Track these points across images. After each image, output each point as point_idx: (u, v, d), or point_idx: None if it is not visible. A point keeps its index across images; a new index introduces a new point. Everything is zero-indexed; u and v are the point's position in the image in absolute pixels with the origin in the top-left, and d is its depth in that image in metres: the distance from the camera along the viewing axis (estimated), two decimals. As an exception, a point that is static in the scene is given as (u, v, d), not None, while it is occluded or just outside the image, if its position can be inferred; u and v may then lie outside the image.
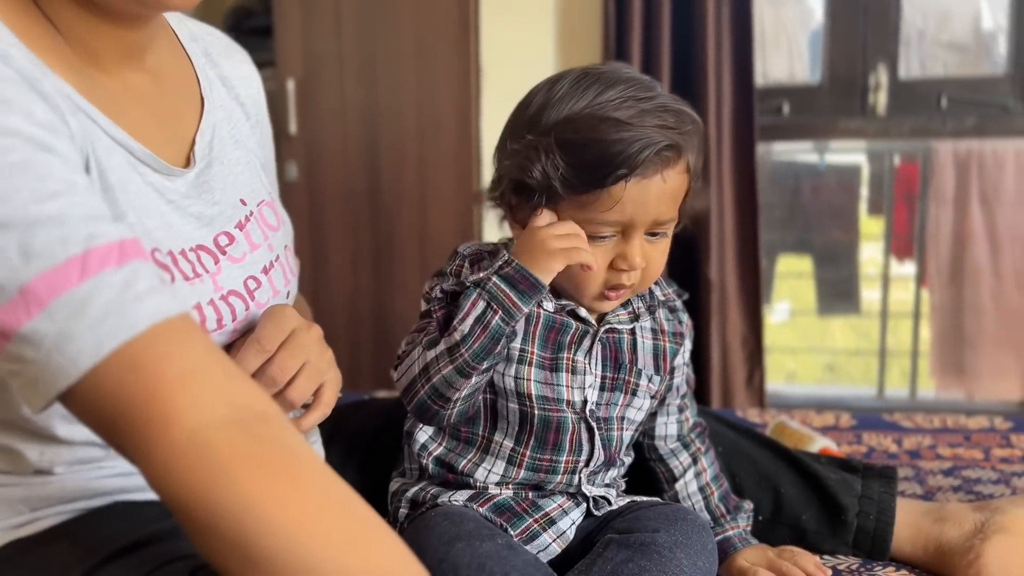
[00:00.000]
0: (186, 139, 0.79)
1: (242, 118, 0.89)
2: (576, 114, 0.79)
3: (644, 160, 0.77)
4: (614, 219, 0.79)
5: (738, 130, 1.81)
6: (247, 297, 0.78)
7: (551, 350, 0.85)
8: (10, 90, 0.59)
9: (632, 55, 1.76)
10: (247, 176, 0.86)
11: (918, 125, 1.91)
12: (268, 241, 0.84)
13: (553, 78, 0.83)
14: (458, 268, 0.85)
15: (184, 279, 0.72)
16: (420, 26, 1.89)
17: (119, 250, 0.58)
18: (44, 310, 0.55)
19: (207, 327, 0.73)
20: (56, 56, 0.67)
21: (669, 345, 0.91)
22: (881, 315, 2.49)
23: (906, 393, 2.52)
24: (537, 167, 0.79)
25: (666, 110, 0.80)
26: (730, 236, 1.84)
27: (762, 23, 2.57)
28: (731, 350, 1.87)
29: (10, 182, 0.56)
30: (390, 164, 2.01)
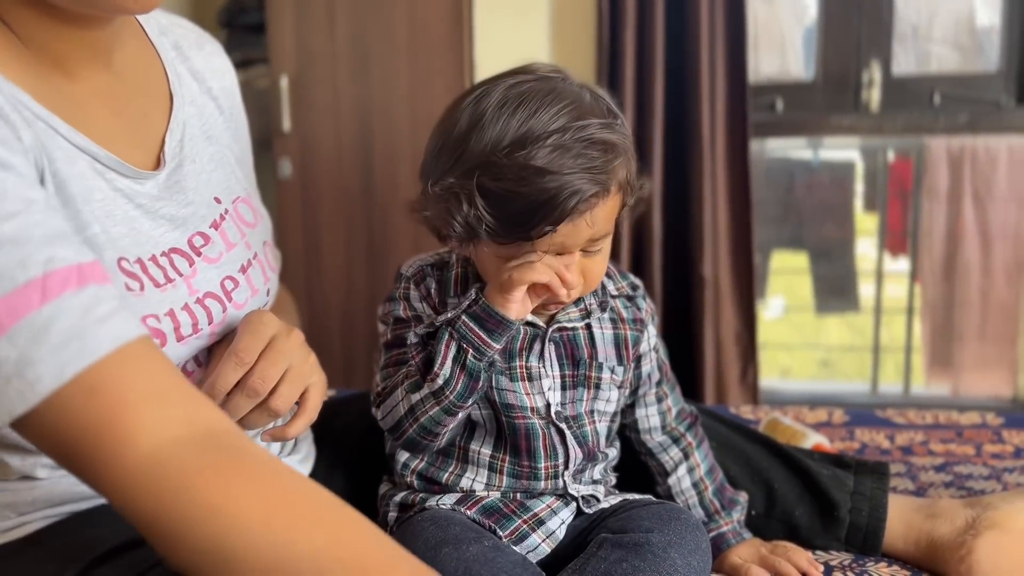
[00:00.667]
0: (155, 139, 0.78)
1: (215, 112, 0.87)
2: (498, 159, 0.75)
3: (572, 210, 0.74)
4: (543, 250, 0.77)
5: (731, 127, 1.81)
6: (224, 298, 0.77)
7: (505, 358, 0.84)
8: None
9: (625, 51, 1.76)
10: (221, 173, 0.84)
11: (911, 121, 1.91)
12: (245, 239, 0.83)
13: (479, 94, 0.78)
14: (405, 290, 0.85)
15: (155, 286, 0.71)
16: (413, 22, 1.89)
17: (78, 273, 0.57)
18: (5, 334, 0.54)
19: (182, 332, 0.72)
20: (15, 64, 0.66)
21: (630, 332, 0.89)
22: (875, 311, 2.50)
23: (900, 388, 2.53)
24: (459, 218, 0.76)
25: (592, 144, 0.75)
26: (723, 233, 1.84)
27: (756, 20, 2.58)
28: (725, 346, 1.87)
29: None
30: (384, 161, 2.01)
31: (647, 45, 1.77)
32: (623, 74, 1.76)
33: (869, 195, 2.78)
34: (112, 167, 0.71)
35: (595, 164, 0.75)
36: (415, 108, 1.96)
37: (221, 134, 0.87)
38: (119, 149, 0.72)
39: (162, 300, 0.71)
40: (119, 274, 0.69)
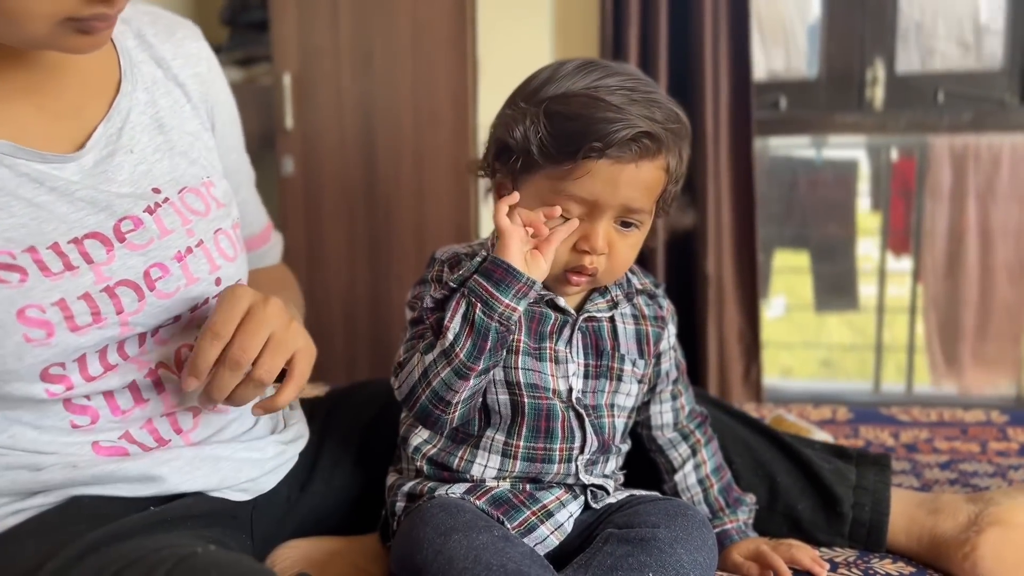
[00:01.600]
0: (86, 126, 0.78)
1: (180, 99, 0.86)
2: (571, 91, 0.81)
3: (619, 140, 0.78)
4: (582, 194, 0.80)
5: (735, 124, 1.81)
6: (144, 287, 0.76)
7: (535, 339, 0.86)
8: None
9: (629, 47, 1.76)
10: (168, 162, 0.83)
11: (915, 120, 1.91)
12: (188, 226, 0.81)
13: (561, 60, 0.85)
14: (438, 273, 0.86)
15: (44, 275, 0.71)
16: (417, 19, 1.89)
17: None
18: None
19: (77, 322, 0.72)
20: None
21: (652, 329, 0.91)
22: (877, 310, 2.50)
23: (902, 388, 2.53)
24: (519, 129, 0.81)
25: (657, 105, 0.81)
26: (727, 231, 1.84)
27: (760, 17, 2.57)
28: (728, 345, 1.87)
29: None
30: (387, 157, 2.01)
31: (650, 44, 1.77)
32: (627, 71, 1.77)
33: (872, 194, 2.78)
34: (19, 156, 0.71)
35: (655, 117, 0.80)
36: (418, 106, 1.96)
37: (184, 122, 0.86)
38: (34, 139, 0.72)
39: (51, 289, 0.71)
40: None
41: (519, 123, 0.82)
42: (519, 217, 0.81)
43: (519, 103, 0.84)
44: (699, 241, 1.81)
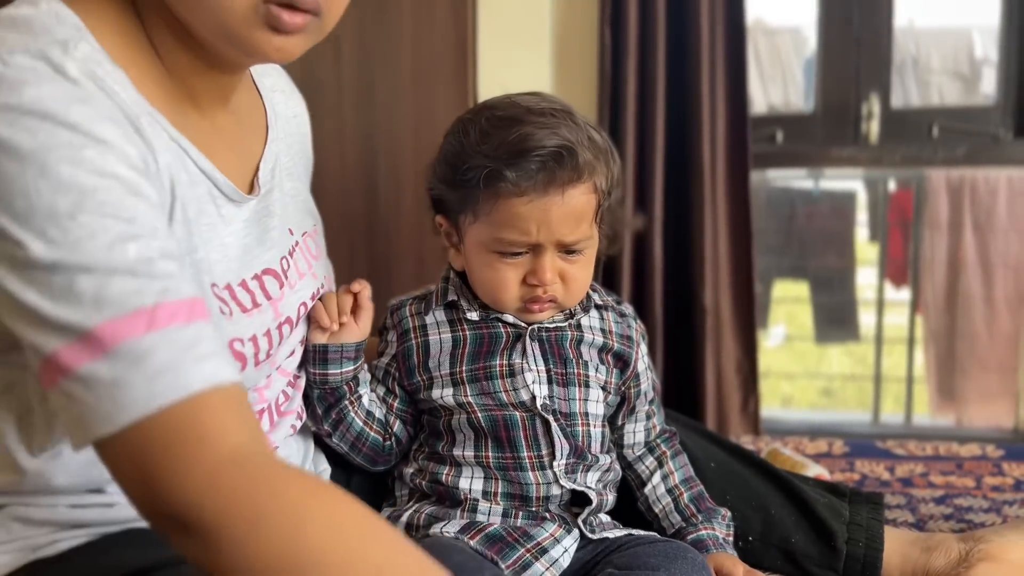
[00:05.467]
0: (251, 166, 0.83)
1: (298, 153, 0.94)
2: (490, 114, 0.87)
3: (540, 154, 0.81)
4: (515, 237, 0.84)
5: (732, 158, 1.83)
6: (296, 323, 0.83)
7: (483, 360, 0.89)
8: (111, 130, 0.61)
9: (627, 83, 1.78)
10: (295, 206, 0.89)
11: (910, 154, 1.93)
12: (312, 269, 0.88)
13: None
14: (383, 321, 0.95)
15: (242, 311, 0.74)
16: (418, 54, 1.92)
17: (188, 308, 0.59)
18: (105, 354, 0.56)
19: (259, 358, 0.76)
20: (159, 92, 0.71)
21: (617, 345, 0.93)
22: (876, 341, 2.50)
23: (902, 418, 2.52)
24: (433, 183, 0.90)
25: (574, 125, 0.85)
26: (724, 262, 1.85)
27: (757, 51, 2.61)
28: (725, 376, 1.87)
29: (101, 221, 0.58)
30: (388, 190, 2.03)
31: (648, 77, 1.79)
32: (625, 105, 1.78)
33: (870, 225, 2.80)
34: (225, 192, 0.75)
35: (571, 134, 0.83)
36: (419, 136, 1.98)
37: (302, 172, 0.95)
38: (230, 175, 0.77)
39: (249, 324, 0.75)
40: (213, 299, 0.72)
41: (433, 172, 0.90)
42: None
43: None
44: (696, 272, 1.82)
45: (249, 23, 0.67)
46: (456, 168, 0.85)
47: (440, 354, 0.89)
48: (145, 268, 0.58)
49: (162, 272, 0.59)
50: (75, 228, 0.57)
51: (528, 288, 0.86)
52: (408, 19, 1.91)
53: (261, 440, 0.61)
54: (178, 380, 0.56)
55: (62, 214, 0.57)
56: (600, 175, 0.86)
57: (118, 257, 0.58)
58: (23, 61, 0.59)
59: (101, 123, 0.60)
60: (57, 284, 0.56)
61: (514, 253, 0.85)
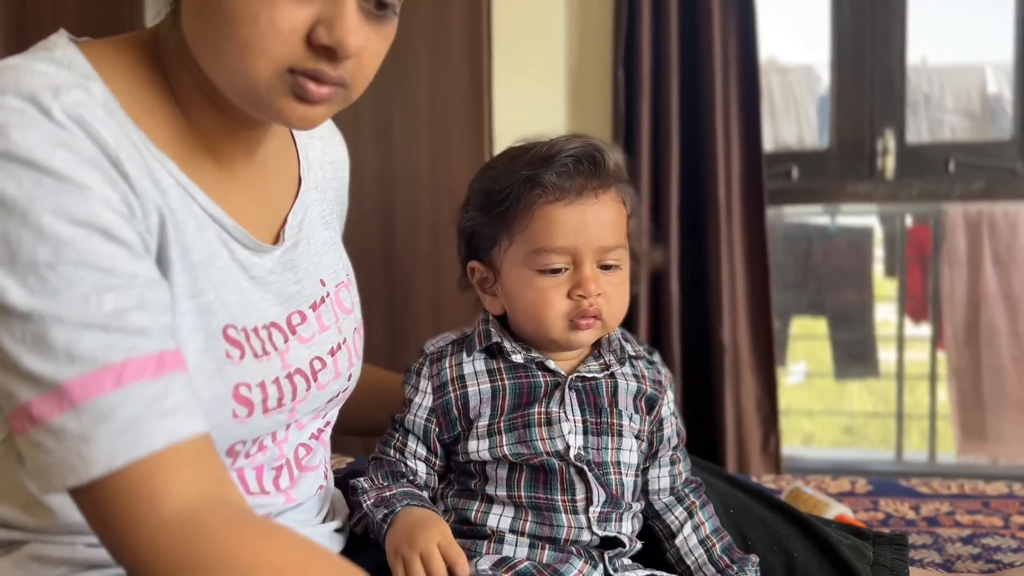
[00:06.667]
0: (279, 217, 0.83)
1: (333, 199, 0.94)
2: (490, 164, 0.92)
3: (568, 161, 0.84)
4: (557, 244, 0.84)
5: (747, 195, 1.84)
6: (310, 377, 0.81)
7: (522, 408, 0.88)
8: (92, 175, 0.63)
9: (642, 122, 1.80)
10: (331, 257, 0.89)
11: (927, 189, 1.92)
12: (338, 323, 0.87)
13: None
14: (419, 366, 0.92)
15: (254, 356, 0.74)
16: (435, 94, 1.94)
17: (157, 362, 0.61)
18: (73, 409, 0.59)
19: (268, 405, 0.75)
20: (172, 137, 0.72)
21: (650, 391, 0.93)
22: (897, 377, 2.47)
23: (926, 456, 2.48)
24: (468, 214, 0.89)
25: (579, 137, 0.87)
26: (742, 299, 1.85)
27: (770, 90, 2.63)
28: (745, 414, 1.85)
29: (75, 271, 0.60)
30: (405, 229, 2.05)
31: (662, 115, 1.80)
32: (639, 143, 1.80)
33: (888, 260, 2.78)
34: (237, 237, 0.75)
35: (579, 144, 0.86)
36: (436, 177, 2.00)
37: (335, 220, 0.94)
38: (246, 223, 0.77)
39: (258, 370, 0.74)
40: (222, 341, 0.72)
41: (465, 211, 0.90)
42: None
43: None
44: (714, 310, 1.81)
45: (275, 91, 0.68)
46: (491, 193, 0.87)
47: (480, 404, 0.88)
48: (117, 322, 0.60)
49: (134, 326, 0.61)
50: (53, 278, 0.59)
51: (573, 303, 0.86)
52: (424, 59, 1.94)
53: (220, 488, 0.63)
54: (139, 439, 0.59)
55: (41, 263, 0.59)
56: (625, 191, 0.89)
57: (92, 310, 0.60)
58: (12, 103, 0.61)
59: (83, 168, 0.62)
60: (32, 333, 0.59)
61: (555, 270, 0.86)
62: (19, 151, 0.60)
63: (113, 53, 0.71)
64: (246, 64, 0.66)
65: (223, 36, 0.66)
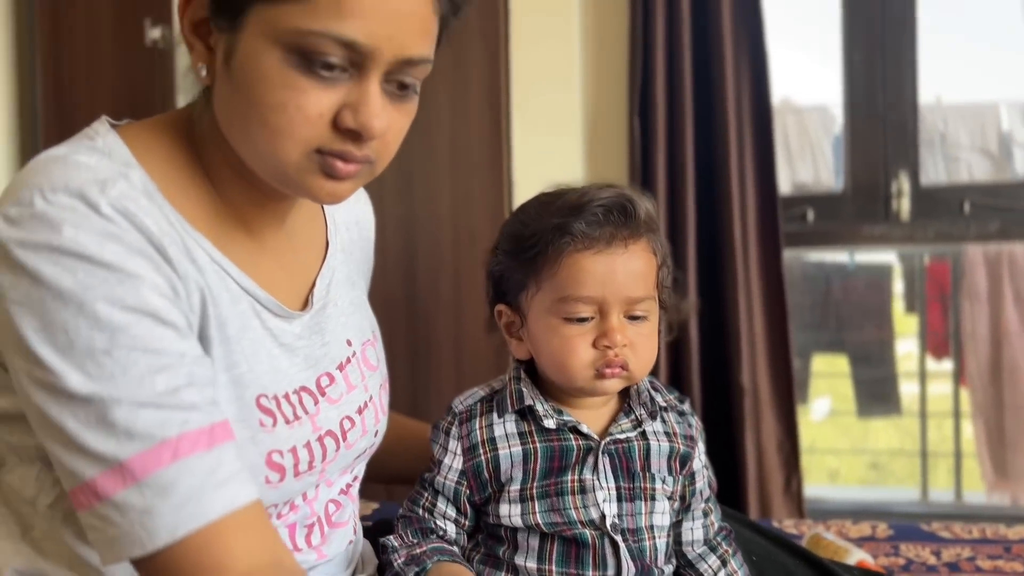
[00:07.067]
0: (307, 283, 0.85)
1: (360, 259, 0.96)
2: (522, 208, 0.91)
3: (599, 210, 0.83)
4: (584, 293, 0.84)
5: (763, 238, 1.86)
6: (340, 437, 0.83)
7: (555, 474, 0.86)
8: (140, 263, 0.67)
9: (657, 169, 1.83)
10: (357, 316, 0.91)
11: (943, 230, 1.93)
12: (364, 382, 0.89)
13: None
14: (448, 425, 0.90)
15: (285, 422, 0.77)
16: (455, 144, 1.99)
17: (209, 435, 0.65)
18: (136, 484, 0.63)
19: (299, 469, 0.78)
20: (207, 215, 0.75)
21: (683, 448, 0.92)
22: (920, 416, 2.46)
23: (952, 495, 2.46)
24: (497, 259, 0.89)
25: (610, 187, 0.87)
26: (760, 341, 1.86)
27: (785, 130, 2.66)
28: (767, 456, 1.86)
29: (129, 355, 0.64)
30: (426, 273, 2.09)
31: (678, 161, 1.84)
32: (655, 190, 1.83)
33: (908, 297, 2.78)
34: (269, 307, 0.78)
35: (626, 193, 0.86)
36: (457, 223, 2.04)
37: (361, 279, 0.96)
38: (276, 292, 0.80)
39: (289, 436, 0.77)
40: (256, 410, 0.75)
41: (495, 254, 0.90)
42: None
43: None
44: (733, 353, 1.83)
45: (304, 171, 0.71)
46: (520, 239, 0.87)
47: (512, 468, 0.87)
48: (170, 399, 0.64)
49: (186, 402, 0.65)
50: (109, 363, 0.63)
51: (598, 353, 0.85)
52: (445, 111, 1.99)
53: (275, 552, 0.67)
54: (199, 509, 0.63)
55: (98, 350, 0.63)
56: (656, 242, 0.88)
57: (147, 390, 0.64)
58: (63, 200, 0.65)
59: (131, 258, 0.66)
60: (92, 415, 0.63)
61: (581, 319, 0.85)
62: (73, 246, 0.64)
63: (150, 136, 0.76)
64: (276, 147, 0.70)
65: (253, 121, 0.70)
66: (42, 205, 0.65)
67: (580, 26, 1.96)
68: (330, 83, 0.69)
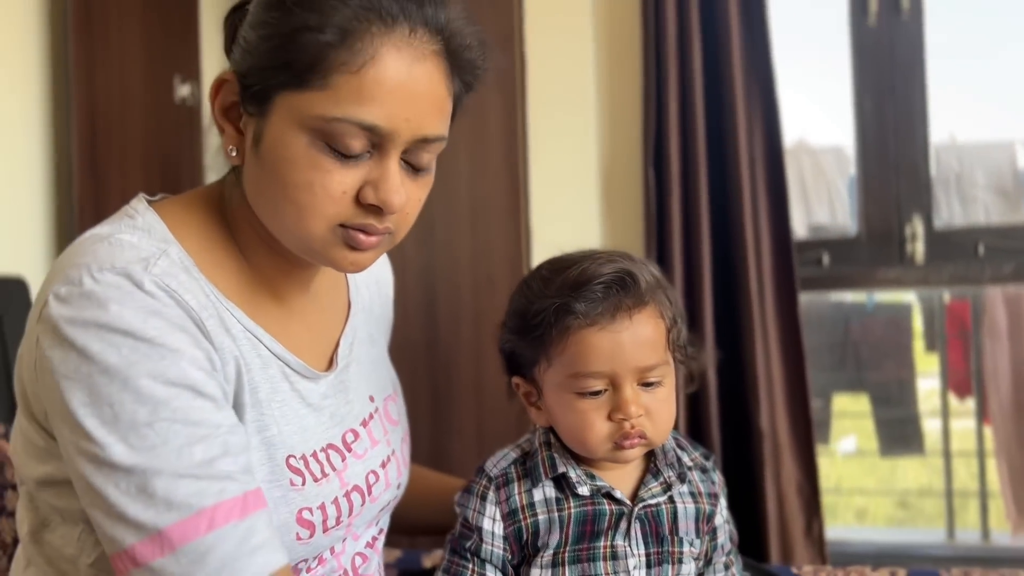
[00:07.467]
0: (331, 343, 0.89)
1: (380, 316, 1.00)
2: (527, 283, 0.92)
3: (589, 296, 0.84)
4: (595, 370, 0.84)
5: (779, 282, 1.87)
6: (366, 492, 0.86)
7: (588, 539, 0.87)
8: (181, 338, 0.71)
9: (672, 218, 1.86)
10: (378, 373, 0.95)
11: (958, 273, 1.94)
12: (387, 436, 0.92)
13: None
14: (483, 490, 0.90)
15: (314, 480, 0.80)
16: (474, 195, 2.04)
17: (242, 503, 0.69)
18: (174, 552, 0.66)
19: (328, 524, 0.81)
20: (239, 285, 0.80)
21: (707, 507, 0.93)
22: (944, 456, 2.45)
23: (979, 535, 2.44)
24: (504, 337, 0.91)
25: (629, 265, 0.87)
26: (778, 384, 1.87)
27: (801, 171, 2.68)
28: (787, 500, 1.86)
29: (170, 427, 0.68)
30: (447, 320, 2.13)
31: (692, 212, 1.87)
32: (671, 239, 1.86)
33: (928, 335, 2.78)
34: (297, 370, 0.82)
35: (628, 264, 0.87)
36: (476, 271, 2.09)
37: (381, 336, 1.00)
38: (303, 355, 0.84)
39: (318, 494, 0.80)
40: (286, 471, 0.78)
41: (504, 330, 0.92)
42: None
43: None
44: (751, 396, 1.84)
45: (328, 244, 0.76)
46: (525, 316, 0.88)
47: (548, 533, 0.87)
48: (207, 470, 0.68)
49: (221, 472, 0.69)
50: (151, 435, 0.67)
51: (615, 425, 0.85)
52: (465, 163, 2.04)
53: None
54: (234, 575, 0.66)
55: (141, 423, 0.67)
56: (663, 304, 0.88)
57: (185, 461, 0.67)
58: (109, 279, 0.70)
59: (172, 333, 0.70)
60: (134, 484, 0.66)
61: (594, 392, 0.85)
62: (119, 323, 0.69)
63: (185, 212, 0.81)
64: (303, 223, 0.74)
65: (281, 199, 0.74)
66: (90, 284, 0.69)
67: (595, 79, 2.01)
68: (352, 163, 0.73)
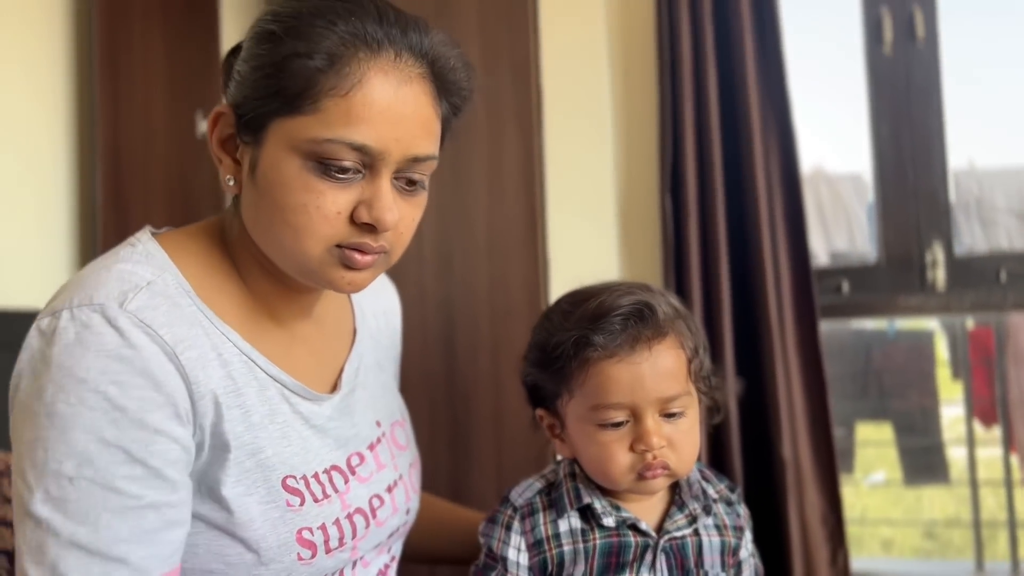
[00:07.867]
0: (336, 368, 0.91)
1: (388, 346, 1.02)
2: (547, 316, 0.94)
3: (606, 328, 0.85)
4: (616, 402, 0.85)
5: (799, 311, 1.87)
6: (369, 515, 0.86)
7: (612, 571, 0.87)
8: (133, 394, 0.70)
9: (690, 246, 1.86)
10: (385, 399, 0.97)
11: (979, 299, 1.92)
12: (394, 461, 0.93)
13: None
14: (508, 519, 0.90)
15: (314, 500, 0.81)
16: (492, 227, 2.06)
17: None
18: None
19: (330, 545, 0.81)
20: (235, 308, 0.81)
21: (732, 540, 0.93)
22: (971, 485, 2.41)
23: (1009, 566, 2.38)
24: (526, 370, 0.92)
25: (649, 297, 0.88)
26: (800, 413, 1.85)
27: (819, 199, 2.68)
28: (811, 530, 1.83)
29: (89, 487, 0.67)
30: (466, 351, 2.13)
31: (710, 240, 1.87)
32: (689, 267, 1.86)
33: (951, 363, 2.75)
34: (297, 392, 0.83)
35: (646, 296, 0.87)
36: (494, 301, 2.09)
37: (389, 363, 1.01)
38: (306, 377, 0.85)
39: (318, 514, 0.81)
40: (282, 492, 0.79)
41: (526, 363, 0.93)
42: None
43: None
44: (773, 426, 1.82)
45: (325, 264, 0.78)
46: (545, 349, 0.89)
47: (573, 564, 0.87)
48: (103, 546, 0.67)
49: (115, 554, 0.67)
50: (70, 490, 0.67)
51: (637, 456, 0.85)
52: (483, 194, 2.06)
53: None
54: None
55: (64, 475, 0.67)
56: (683, 334, 0.88)
57: (87, 527, 0.66)
58: (85, 316, 0.70)
59: (129, 388, 0.69)
60: (35, 538, 0.66)
61: (615, 424, 0.85)
62: (76, 370, 0.68)
63: (187, 240, 0.83)
64: (299, 245, 0.76)
65: (277, 222, 0.76)
66: (65, 321, 0.70)
67: (611, 108, 2.02)
68: (345, 184, 0.75)
